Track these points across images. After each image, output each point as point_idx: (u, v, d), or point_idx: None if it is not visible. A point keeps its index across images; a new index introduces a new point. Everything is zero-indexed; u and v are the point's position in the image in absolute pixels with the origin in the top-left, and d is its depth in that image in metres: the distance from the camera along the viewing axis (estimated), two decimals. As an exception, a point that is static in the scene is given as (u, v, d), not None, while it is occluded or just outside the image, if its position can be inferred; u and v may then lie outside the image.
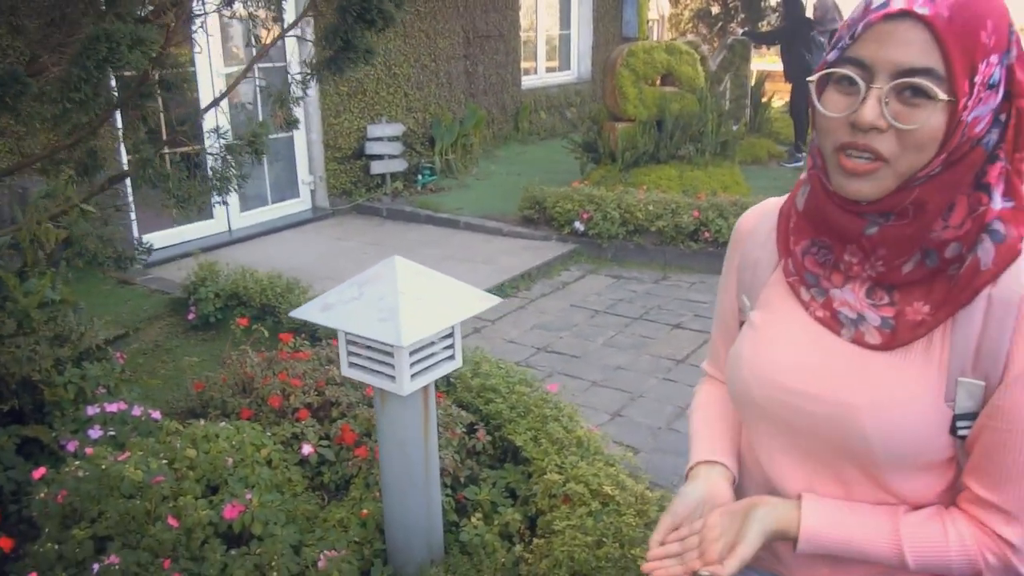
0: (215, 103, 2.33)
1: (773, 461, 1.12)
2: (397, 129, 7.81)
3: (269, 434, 2.96)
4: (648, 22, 14.27)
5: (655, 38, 15.88)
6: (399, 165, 7.82)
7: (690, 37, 12.07)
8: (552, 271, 6.07)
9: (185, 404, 3.43)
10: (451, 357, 2.30)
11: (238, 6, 2.61)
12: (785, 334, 1.10)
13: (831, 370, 1.03)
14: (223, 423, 2.98)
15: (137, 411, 2.99)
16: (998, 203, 0.96)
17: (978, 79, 0.90)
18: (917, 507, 1.03)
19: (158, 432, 2.92)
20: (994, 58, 0.91)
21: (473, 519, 2.53)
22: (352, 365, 2.25)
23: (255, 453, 2.82)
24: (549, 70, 11.66)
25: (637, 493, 2.46)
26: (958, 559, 0.99)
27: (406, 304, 2.10)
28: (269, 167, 7.23)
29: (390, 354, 2.13)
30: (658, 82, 7.65)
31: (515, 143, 10.32)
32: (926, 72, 0.88)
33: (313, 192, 7.61)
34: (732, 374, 1.16)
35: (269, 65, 6.52)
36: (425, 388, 2.28)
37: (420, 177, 8.13)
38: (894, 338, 0.99)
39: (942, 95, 0.88)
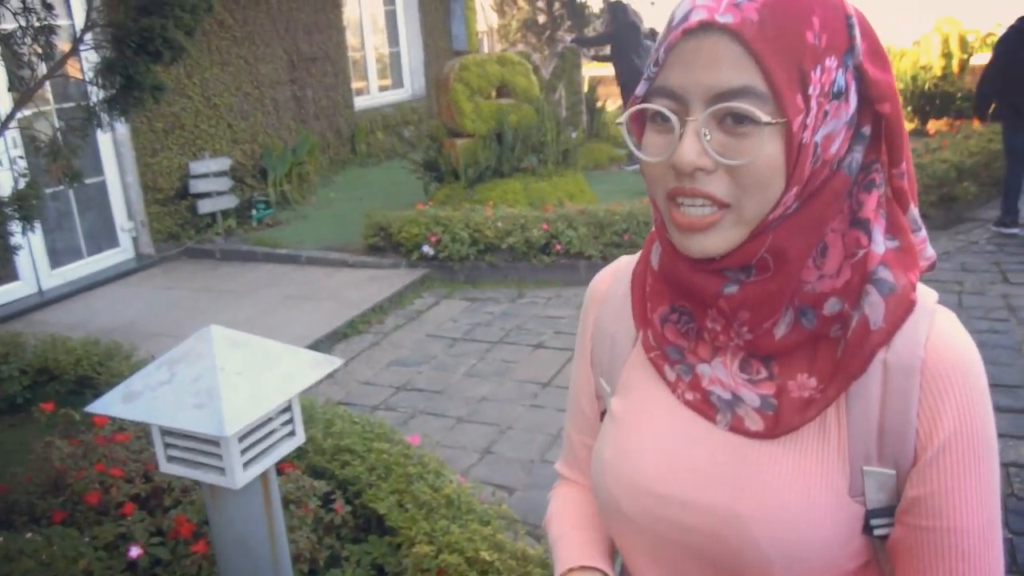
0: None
1: None
2: (223, 164, 7.29)
3: (88, 538, 2.53)
4: (477, 35, 14.23)
5: (485, 50, 15.86)
6: (229, 202, 7.31)
7: (520, 47, 12.09)
8: (404, 300, 5.78)
9: (-13, 510, 2.91)
10: (291, 434, 1.99)
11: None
12: (650, 426, 0.88)
13: (709, 470, 0.83)
14: (29, 533, 2.52)
15: (-83, 534, 2.48)
16: (880, 244, 0.79)
17: (813, 90, 0.72)
18: None
19: (-53, 556, 2.43)
20: (831, 60, 0.73)
21: (338, 609, 2.22)
22: (172, 459, 1.89)
23: (70, 567, 2.39)
24: (382, 89, 11.35)
25: (517, 553, 2.23)
26: None
27: (227, 383, 1.77)
28: (81, 216, 6.55)
29: (216, 443, 1.80)
30: (493, 95, 7.51)
31: (354, 167, 9.94)
32: (744, 92, 0.71)
33: (135, 239, 6.96)
34: (596, 481, 0.92)
35: (72, 105, 5.89)
36: (264, 474, 1.96)
37: (255, 212, 7.63)
38: (779, 423, 0.79)
39: (764, 117, 0.71)
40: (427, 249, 6.12)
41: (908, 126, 10.49)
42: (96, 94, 2.07)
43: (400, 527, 2.42)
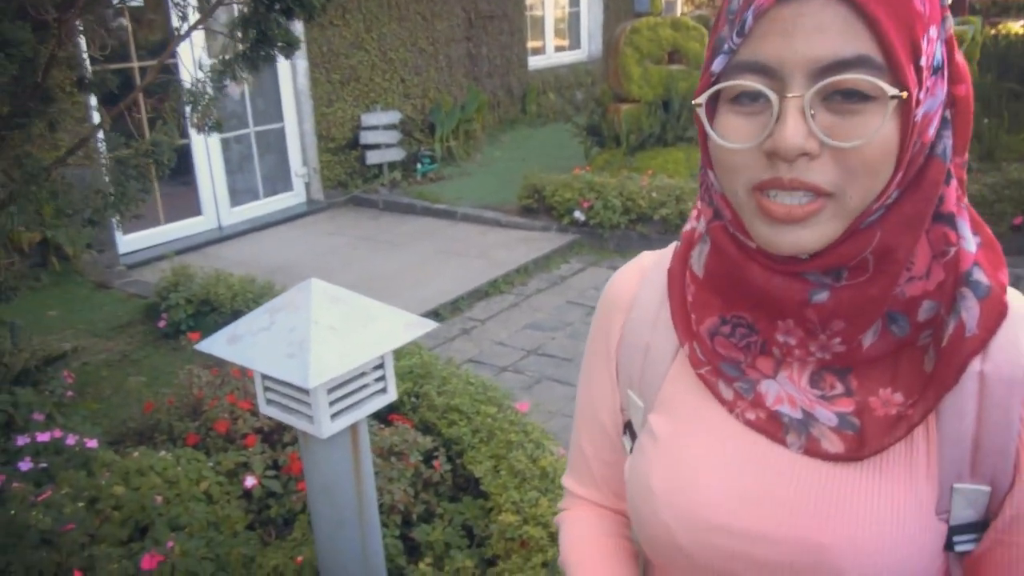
0: (114, 112, 2.06)
1: None
2: (393, 117, 7.52)
3: (212, 463, 2.72)
4: (663, -4, 13.79)
5: (677, 13, 15.37)
6: (396, 154, 7.55)
7: (703, 11, 11.61)
8: (550, 264, 5.77)
9: (137, 426, 3.20)
10: (383, 390, 2.03)
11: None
12: (707, 449, 0.78)
13: (784, 498, 0.74)
14: (163, 452, 2.74)
15: (72, 440, 2.76)
16: (971, 242, 0.70)
17: (924, 61, 0.63)
18: None
19: (93, 463, 2.69)
20: (933, 31, 0.64)
21: (422, 564, 2.27)
22: (270, 403, 1.99)
23: (192, 487, 2.58)
24: (558, 49, 11.28)
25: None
26: None
27: (319, 336, 1.83)
28: (260, 160, 6.99)
29: (306, 392, 1.86)
30: (665, 60, 7.28)
31: (523, 127, 9.99)
32: (858, 63, 0.62)
33: (307, 184, 7.36)
34: (641, 516, 0.82)
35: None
36: (354, 426, 2.01)
37: (419, 166, 7.85)
38: (864, 443, 0.71)
39: (891, 90, 0.61)
40: (578, 215, 6.06)
41: None
42: (231, 48, 2.16)
43: (492, 492, 2.44)
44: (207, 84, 2.19)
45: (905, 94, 0.62)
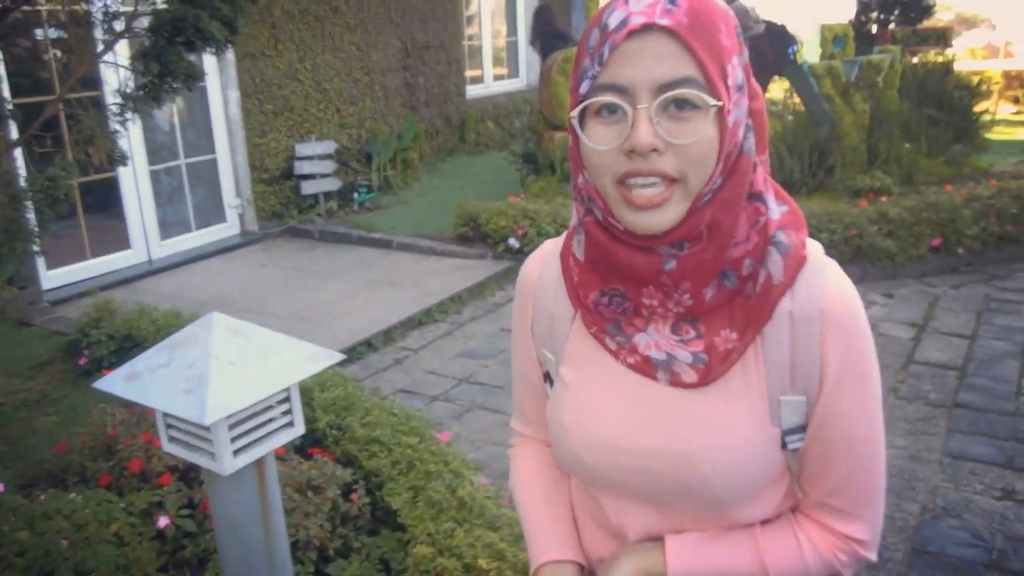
0: (11, 146, 2.01)
1: (622, 519, 1.07)
2: (328, 147, 7.49)
3: (124, 504, 2.64)
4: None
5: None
6: (332, 184, 7.51)
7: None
8: (485, 292, 5.78)
9: (50, 467, 3.10)
10: (290, 424, 2.00)
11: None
12: (601, 389, 1.03)
13: (656, 419, 0.99)
14: (73, 494, 2.66)
15: (-24, 484, 2.67)
16: (775, 211, 0.96)
17: (730, 82, 0.87)
18: (764, 523, 1.04)
19: (-2, 508, 2.59)
20: (735, 60, 0.89)
21: (337, 601, 2.23)
22: (172, 440, 1.94)
23: (102, 530, 2.50)
24: (497, 78, 11.39)
25: (518, 565, 2.18)
26: (814, 564, 1.01)
27: (218, 371, 1.80)
28: (192, 191, 6.89)
29: (206, 428, 1.83)
30: (597, 89, 7.39)
31: (462, 155, 10.03)
32: (687, 82, 0.85)
33: (241, 216, 7.27)
34: (558, 443, 1.08)
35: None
36: (259, 461, 1.98)
37: (356, 195, 7.82)
38: (709, 372, 0.95)
39: (712, 100, 0.85)
40: (513, 242, 6.10)
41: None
42: (135, 80, 2.14)
43: (409, 524, 2.41)
44: (108, 119, 2.16)
45: (721, 103, 0.85)
